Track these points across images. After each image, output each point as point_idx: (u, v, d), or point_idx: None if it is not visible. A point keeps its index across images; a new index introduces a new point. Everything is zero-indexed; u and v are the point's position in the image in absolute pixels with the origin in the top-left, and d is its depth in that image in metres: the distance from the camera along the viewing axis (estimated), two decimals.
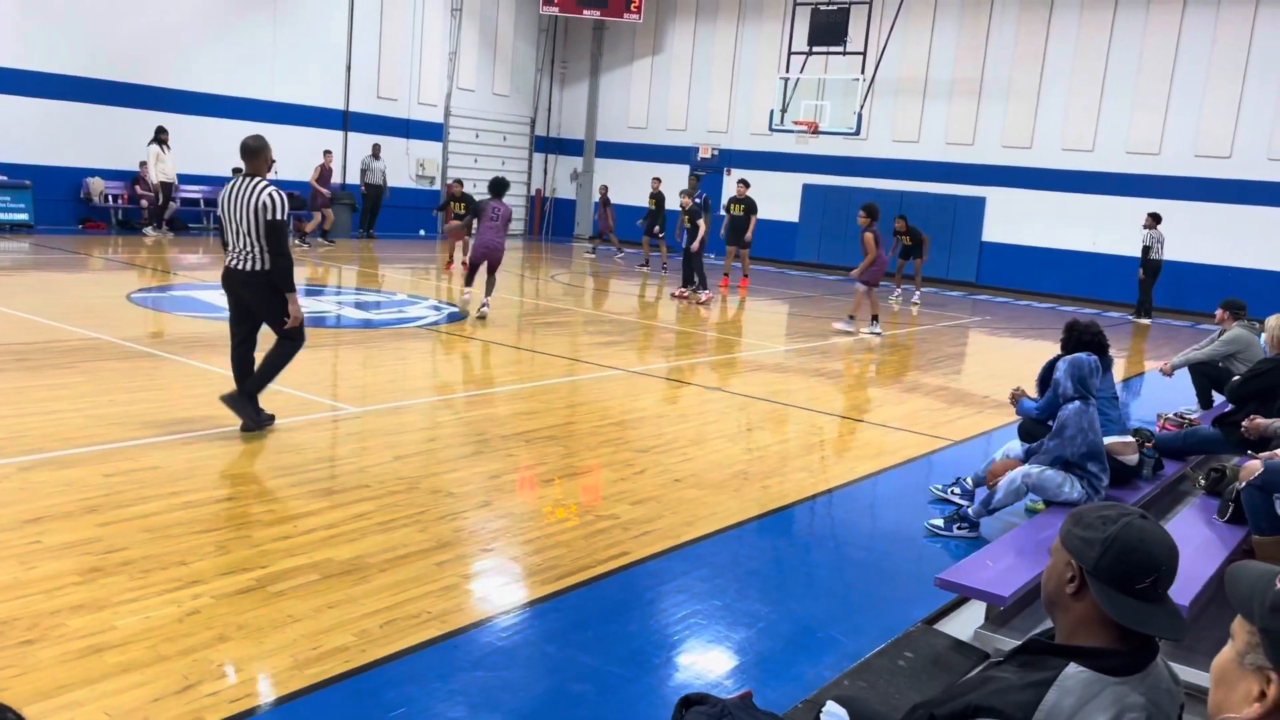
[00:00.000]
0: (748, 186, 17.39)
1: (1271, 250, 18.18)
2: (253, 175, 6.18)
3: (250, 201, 6.04)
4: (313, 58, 21.22)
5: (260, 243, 6.08)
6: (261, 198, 6.03)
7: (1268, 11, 18.04)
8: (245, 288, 6.20)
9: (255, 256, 6.11)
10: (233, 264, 6.18)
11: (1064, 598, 1.85)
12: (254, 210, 6.03)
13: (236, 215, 6.08)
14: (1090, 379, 5.31)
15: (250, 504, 5.03)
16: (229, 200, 6.12)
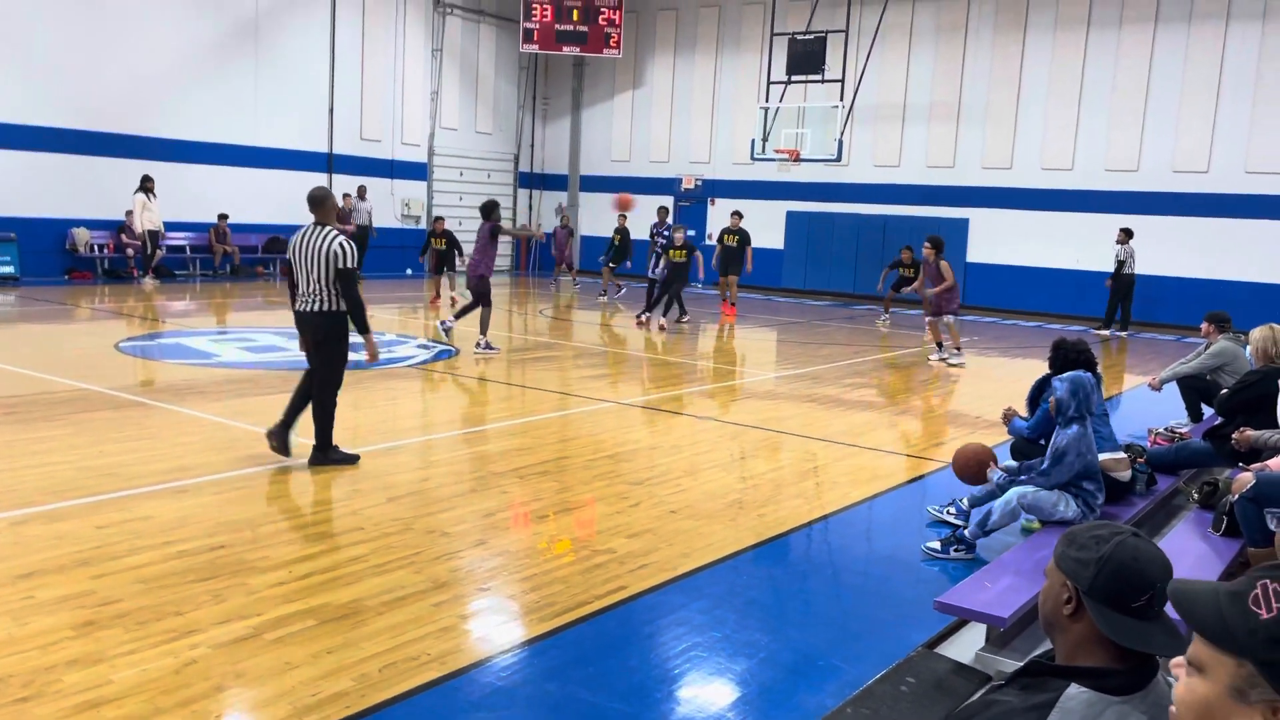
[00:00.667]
0: (741, 217, 17.62)
1: (1252, 262, 18.35)
2: (322, 224, 6.59)
3: (321, 249, 6.43)
4: (295, 102, 21.34)
5: (329, 287, 6.46)
6: (333, 247, 6.43)
7: (1237, 29, 18.33)
8: (310, 328, 6.62)
9: (323, 299, 6.50)
10: (301, 306, 6.59)
11: (1061, 619, 1.86)
12: (325, 258, 6.41)
13: (307, 262, 6.47)
14: (1091, 397, 5.33)
15: (245, 551, 5.01)
16: (300, 248, 6.50)
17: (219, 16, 19.84)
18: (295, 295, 6.63)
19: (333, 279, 6.42)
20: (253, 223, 20.87)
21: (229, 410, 8.24)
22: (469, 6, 24.77)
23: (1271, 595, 1.35)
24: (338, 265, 6.39)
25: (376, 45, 22.86)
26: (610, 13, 24.28)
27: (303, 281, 6.53)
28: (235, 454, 6.87)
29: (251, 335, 12.64)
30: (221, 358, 10.89)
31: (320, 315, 6.52)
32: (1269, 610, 1.34)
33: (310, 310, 6.55)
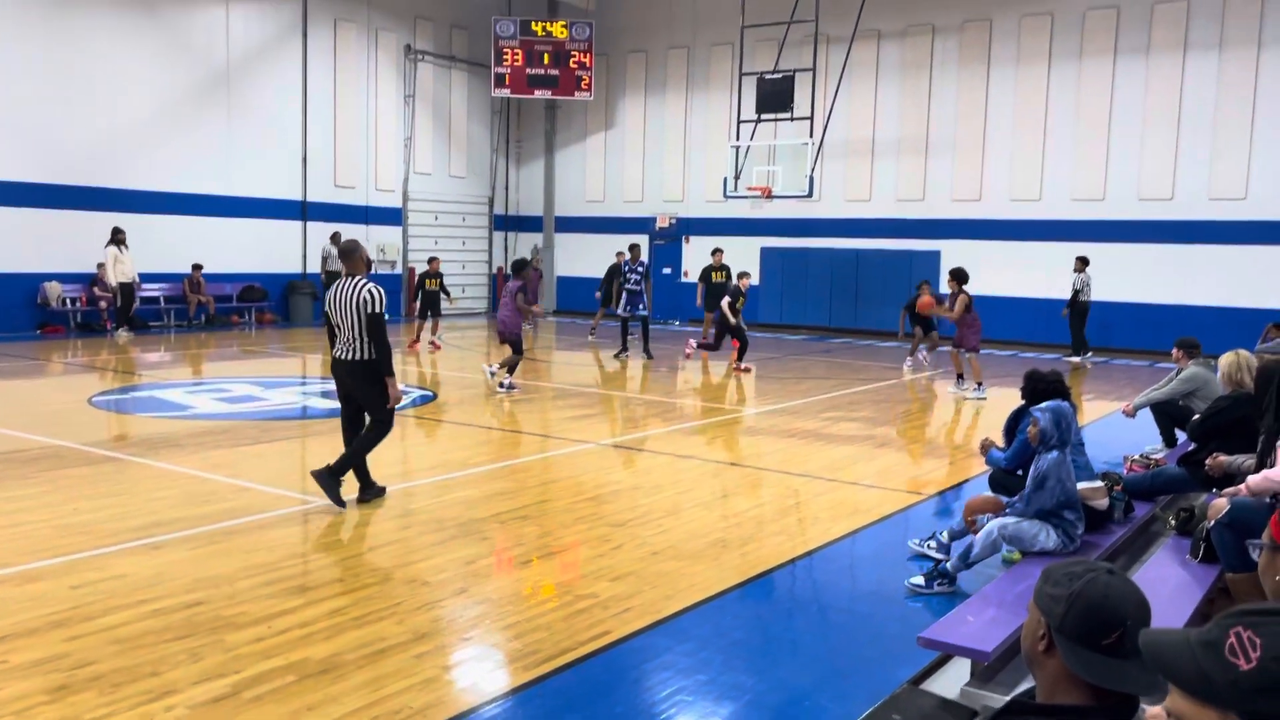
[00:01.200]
0: (723, 254, 17.91)
1: (1218, 286, 18.62)
2: (353, 275, 6.90)
3: (354, 299, 6.76)
4: (268, 150, 21.39)
5: (364, 335, 6.77)
6: (362, 294, 6.76)
7: (1195, 59, 18.72)
8: (349, 375, 6.91)
9: (358, 348, 6.81)
10: (339, 354, 6.91)
11: (1038, 655, 1.86)
12: (357, 306, 6.74)
13: (342, 311, 6.80)
14: (1071, 427, 5.38)
15: (222, 607, 4.94)
16: (336, 299, 6.83)
17: (191, 67, 19.91)
18: (334, 343, 6.95)
19: (365, 325, 6.74)
20: (227, 272, 20.82)
21: (205, 463, 8.16)
22: (440, 53, 24.97)
23: (1247, 644, 1.34)
24: (367, 311, 6.72)
25: (349, 93, 22.98)
26: (581, 56, 24.54)
27: (340, 331, 6.88)
28: (212, 508, 6.80)
29: (227, 386, 12.56)
30: (197, 410, 10.80)
31: (356, 363, 6.84)
32: (1247, 660, 1.33)
33: (346, 358, 6.87)
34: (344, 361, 6.88)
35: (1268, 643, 1.33)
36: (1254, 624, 1.36)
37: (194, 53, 19.95)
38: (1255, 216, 18.34)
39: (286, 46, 21.65)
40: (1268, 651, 1.33)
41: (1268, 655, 1.32)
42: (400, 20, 23.97)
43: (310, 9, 21.93)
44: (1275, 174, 18.16)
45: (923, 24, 21.42)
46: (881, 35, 21.72)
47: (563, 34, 24.51)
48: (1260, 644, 1.34)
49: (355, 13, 22.92)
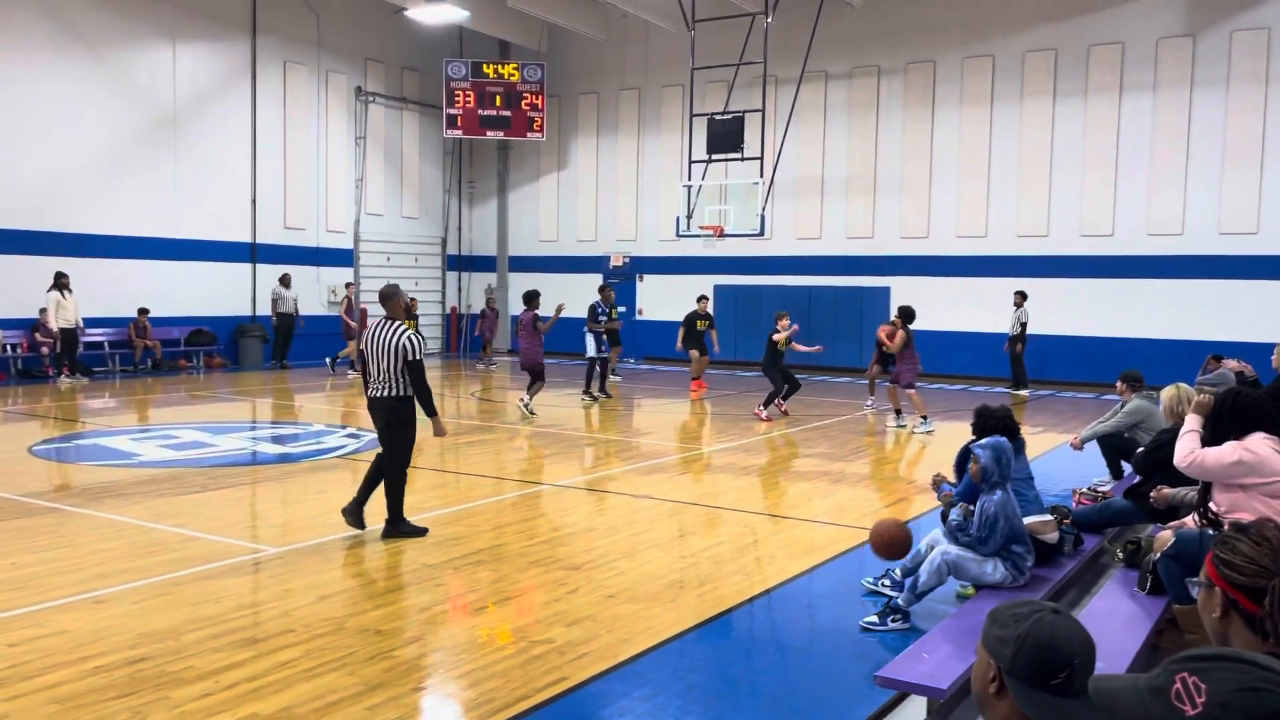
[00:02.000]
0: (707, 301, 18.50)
1: (1159, 319, 19.07)
2: (391, 319, 7.32)
3: (391, 343, 7.16)
4: (216, 192, 21.18)
5: (399, 376, 7.20)
6: (401, 341, 7.15)
7: (1130, 100, 19.30)
8: (380, 411, 7.33)
9: (391, 386, 7.23)
10: (373, 393, 7.33)
11: (989, 698, 1.88)
12: (394, 351, 7.15)
13: (378, 353, 7.21)
14: (1011, 463, 5.46)
15: (167, 662, 4.81)
16: (372, 341, 7.25)
17: (136, 108, 19.71)
18: (368, 383, 7.38)
19: (400, 369, 7.17)
20: (175, 315, 20.51)
21: (150, 512, 7.98)
22: (391, 94, 24.99)
23: (1192, 689, 1.37)
24: (406, 358, 7.14)
25: (299, 134, 22.88)
26: (532, 98, 24.70)
27: (374, 371, 7.28)
28: (158, 559, 6.64)
29: (175, 432, 12.32)
30: (143, 457, 10.58)
31: (389, 400, 7.25)
32: (1193, 706, 1.35)
33: (379, 396, 7.28)
34: (378, 399, 7.29)
35: (1212, 689, 1.36)
36: (1199, 670, 1.39)
37: (140, 94, 19.77)
38: (1192, 251, 18.85)
39: (235, 88, 21.53)
40: (1212, 698, 1.35)
41: (1212, 702, 1.35)
42: (350, 62, 23.98)
43: (259, 51, 21.87)
44: (1210, 210, 18.71)
45: (868, 65, 21.88)
46: (829, 76, 22.14)
47: (514, 76, 24.66)
48: (1205, 690, 1.36)
49: (305, 55, 22.89)
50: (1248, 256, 18.39)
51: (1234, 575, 2.08)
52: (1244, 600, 2.05)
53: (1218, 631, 2.11)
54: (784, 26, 21.04)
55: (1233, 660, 1.41)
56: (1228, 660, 1.41)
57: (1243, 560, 2.08)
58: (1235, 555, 2.10)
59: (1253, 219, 18.38)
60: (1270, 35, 18.04)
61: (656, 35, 23.75)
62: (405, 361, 7.13)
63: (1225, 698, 1.35)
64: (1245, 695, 1.35)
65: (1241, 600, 2.05)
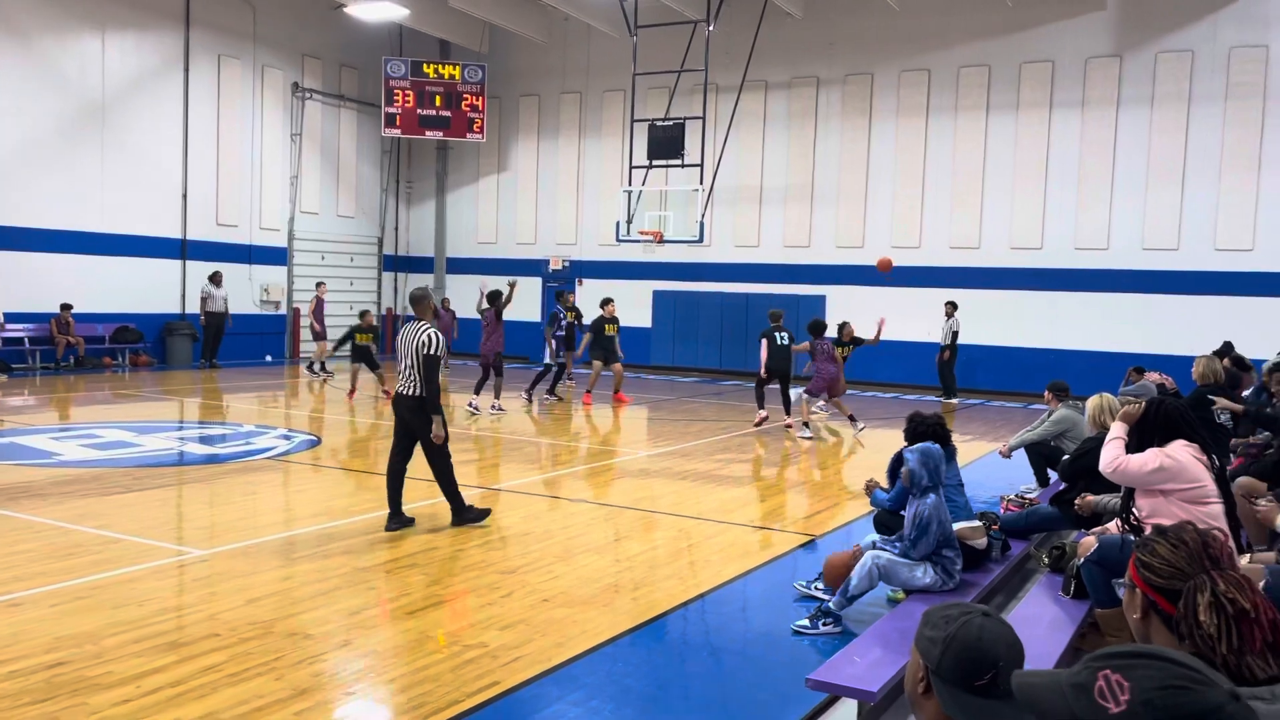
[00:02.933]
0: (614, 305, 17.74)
1: (1085, 331, 19.58)
2: (419, 319, 7.65)
3: (415, 340, 7.47)
4: (146, 186, 20.65)
5: (421, 374, 7.44)
6: (421, 337, 7.46)
7: (1060, 117, 19.81)
8: (407, 409, 7.59)
9: (416, 384, 7.49)
10: (400, 390, 7.61)
11: (918, 697, 1.91)
12: (416, 347, 7.44)
13: (404, 351, 7.55)
14: (941, 468, 5.55)
15: (86, 667, 4.67)
16: (401, 339, 7.60)
17: (63, 98, 19.13)
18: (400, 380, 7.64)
19: (420, 364, 7.43)
20: (100, 312, 19.94)
21: (70, 513, 7.75)
22: (329, 92, 24.62)
23: (1115, 687, 1.39)
24: (424, 352, 7.40)
25: (233, 129, 22.42)
26: (473, 98, 24.53)
27: (401, 368, 7.59)
28: (77, 560, 6.44)
29: (97, 431, 11.97)
30: (63, 456, 10.26)
31: (412, 398, 7.54)
32: (1117, 703, 1.38)
33: (405, 393, 7.58)
34: (403, 396, 7.58)
35: (1135, 685, 1.39)
36: (1122, 667, 1.42)
37: (67, 83, 19.19)
38: (1116, 266, 19.40)
39: (167, 80, 21.03)
40: (1136, 695, 1.38)
41: (1136, 699, 1.37)
42: (287, 58, 23.57)
43: (192, 43, 21.39)
44: (1134, 226, 19.27)
45: (808, 76, 22.14)
46: (769, 86, 22.35)
47: (455, 76, 24.47)
48: (1129, 687, 1.39)
49: (240, 49, 22.44)
50: (1169, 272, 18.98)
51: (1152, 577, 2.13)
52: (1162, 601, 2.10)
53: (1140, 632, 2.17)
54: (725, 34, 21.21)
55: (1153, 658, 1.44)
56: (1149, 658, 1.44)
57: (1160, 562, 2.14)
58: (1154, 558, 2.16)
59: (1174, 236, 18.98)
60: (1194, 58, 18.66)
61: (599, 39, 23.77)
62: (423, 356, 7.38)
63: (1148, 695, 1.38)
64: (1166, 693, 1.38)
65: (1160, 601, 2.11)
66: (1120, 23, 19.33)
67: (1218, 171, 18.55)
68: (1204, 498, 4.69)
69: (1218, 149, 18.52)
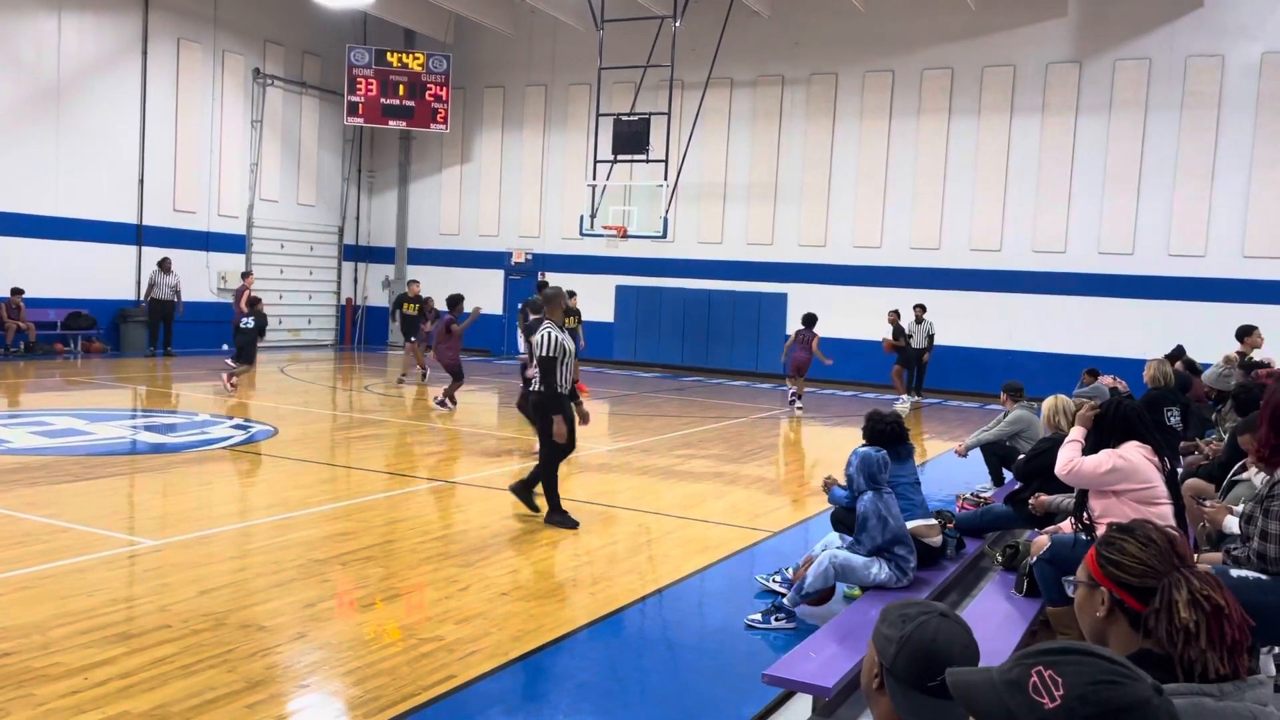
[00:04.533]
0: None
1: (1041, 333, 19.86)
2: (546, 317, 7.99)
3: (534, 338, 7.91)
4: (101, 170, 20.26)
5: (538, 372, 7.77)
6: (537, 336, 7.76)
7: (1020, 122, 20.06)
8: (528, 403, 8.45)
9: (535, 379, 7.85)
10: (526, 385, 8.42)
11: (873, 693, 1.92)
12: (534, 345, 7.84)
13: (530, 348, 8.19)
14: (879, 473, 5.61)
15: (32, 658, 4.58)
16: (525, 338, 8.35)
17: (17, 80, 18.72)
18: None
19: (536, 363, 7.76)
20: (51, 297, 19.55)
21: (19, 501, 7.60)
22: (291, 78, 24.31)
23: (1049, 682, 1.42)
24: (539, 353, 7.65)
25: (191, 114, 22.06)
26: (437, 89, 24.34)
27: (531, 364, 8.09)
28: (25, 549, 6.32)
29: (47, 419, 11.75)
30: (12, 444, 10.05)
31: (532, 393, 8.01)
32: (1051, 699, 1.40)
33: (529, 389, 8.20)
34: (527, 392, 8.34)
35: (1069, 681, 1.41)
36: (1054, 663, 1.44)
37: (21, 64, 18.77)
38: (1073, 269, 19.69)
39: (124, 63, 20.64)
40: (1070, 690, 1.40)
41: (1070, 694, 1.40)
42: (248, 43, 23.24)
43: (151, 26, 21.01)
44: (1091, 230, 19.57)
45: (773, 75, 22.22)
46: (734, 84, 22.41)
47: (419, 66, 24.27)
48: (1062, 682, 1.41)
49: (200, 33, 22.09)
50: (1124, 276, 19.30)
51: (1122, 575, 2.13)
52: (1129, 599, 2.11)
53: (1097, 630, 2.18)
54: (692, 31, 21.23)
55: (1083, 654, 1.47)
56: (1078, 654, 1.47)
57: (1132, 561, 2.14)
58: (1124, 556, 2.16)
59: (1129, 241, 19.30)
60: (1151, 66, 18.97)
61: (565, 33, 23.68)
62: (537, 356, 7.64)
63: (1081, 690, 1.41)
64: (1099, 687, 1.41)
65: (1128, 600, 2.11)
66: (1080, 30, 19.61)
67: (1173, 178, 18.89)
68: (1155, 498, 4.78)
69: (1173, 156, 18.86)
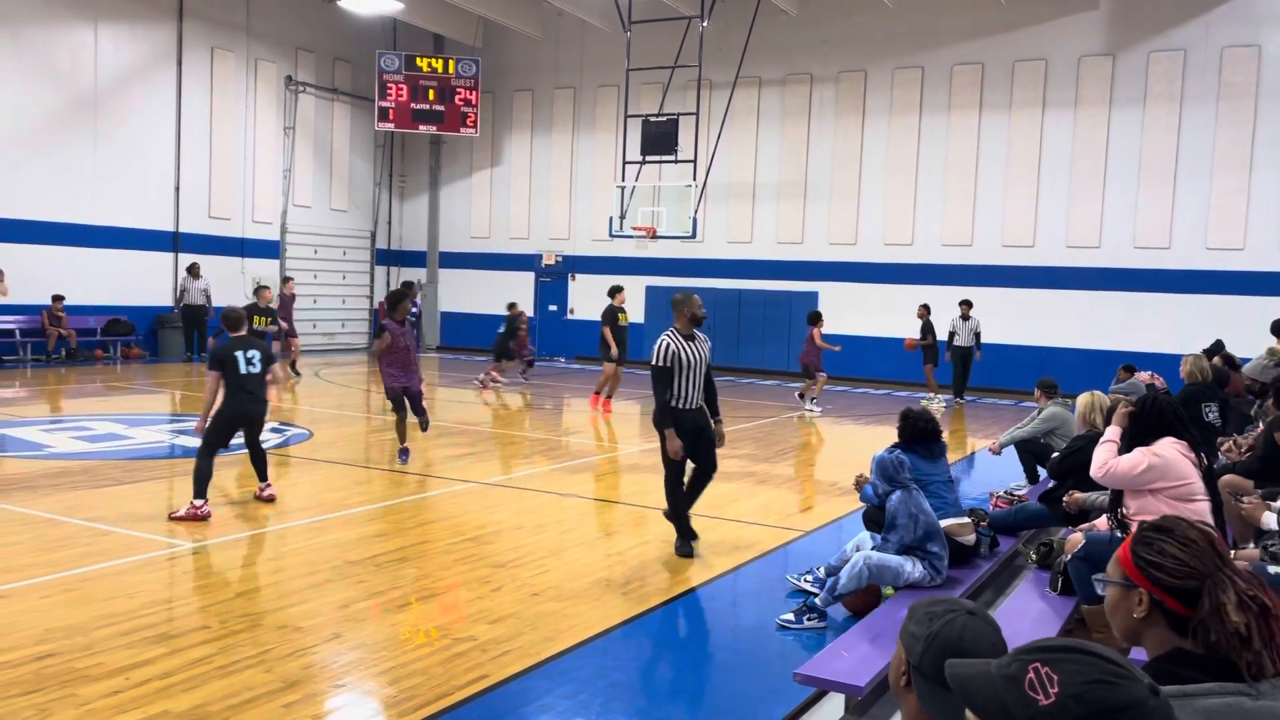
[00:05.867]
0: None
1: (1076, 329, 19.65)
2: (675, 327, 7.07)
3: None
4: (138, 178, 20.59)
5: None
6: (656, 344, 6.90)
7: (1052, 116, 19.86)
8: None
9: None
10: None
11: (901, 690, 1.92)
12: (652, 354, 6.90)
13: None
14: (898, 474, 5.62)
15: (76, 659, 4.67)
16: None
17: (55, 90, 19.07)
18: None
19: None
20: (91, 304, 19.88)
21: (61, 505, 7.74)
22: (322, 85, 24.56)
23: (1045, 680, 1.41)
24: (654, 361, 6.85)
25: (226, 122, 22.36)
26: (467, 92, 24.49)
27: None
28: (67, 553, 6.44)
29: (88, 424, 11.95)
30: (54, 449, 10.24)
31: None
32: (1046, 696, 1.40)
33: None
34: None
35: (1064, 679, 1.41)
36: (1051, 661, 1.43)
37: (59, 75, 19.12)
38: (1107, 264, 19.47)
39: (159, 72, 20.96)
40: (1064, 689, 1.40)
41: (1065, 692, 1.39)
42: (281, 51, 23.51)
43: (185, 36, 21.32)
44: (1125, 225, 19.33)
45: (801, 73, 22.15)
46: (762, 82, 22.36)
47: (449, 70, 24.43)
48: (1058, 680, 1.41)
49: (233, 42, 22.38)
50: (1160, 270, 19.04)
51: (1164, 577, 2.08)
52: (1171, 601, 2.07)
53: (1132, 630, 2.14)
54: (719, 31, 21.20)
55: (1081, 652, 1.46)
56: (1077, 652, 1.46)
57: (1172, 562, 2.08)
58: (1163, 557, 2.10)
59: (1165, 235, 19.03)
60: (1186, 57, 18.71)
61: (592, 35, 23.74)
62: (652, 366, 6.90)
63: (1077, 689, 1.40)
64: (1095, 687, 1.40)
65: (1168, 601, 2.07)
66: (1113, 22, 19.38)
67: (1209, 171, 18.61)
68: (1191, 495, 4.72)
69: (1209, 149, 18.58)
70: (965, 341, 17.84)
